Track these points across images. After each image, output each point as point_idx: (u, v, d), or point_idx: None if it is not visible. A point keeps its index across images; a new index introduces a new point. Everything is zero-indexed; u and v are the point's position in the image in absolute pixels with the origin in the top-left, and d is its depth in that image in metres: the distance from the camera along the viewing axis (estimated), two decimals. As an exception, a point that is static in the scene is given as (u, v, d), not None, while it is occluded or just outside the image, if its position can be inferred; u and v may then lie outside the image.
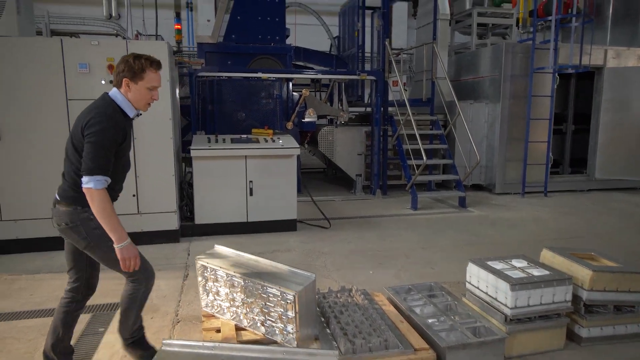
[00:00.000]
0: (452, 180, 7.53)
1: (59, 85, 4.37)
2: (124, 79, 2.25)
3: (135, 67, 2.22)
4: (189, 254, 4.50)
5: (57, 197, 2.35)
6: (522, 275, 2.76)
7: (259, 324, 2.60)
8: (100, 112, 2.20)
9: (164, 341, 2.07)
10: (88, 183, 2.11)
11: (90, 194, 2.12)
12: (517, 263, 2.97)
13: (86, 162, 2.13)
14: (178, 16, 6.68)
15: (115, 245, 2.20)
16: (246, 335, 2.66)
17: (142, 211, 4.71)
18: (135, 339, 2.53)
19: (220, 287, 2.76)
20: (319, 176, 9.95)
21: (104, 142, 2.15)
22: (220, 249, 2.98)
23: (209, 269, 2.80)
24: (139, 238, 4.70)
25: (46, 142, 4.41)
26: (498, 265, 2.94)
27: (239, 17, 6.97)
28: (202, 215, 5.07)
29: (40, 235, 4.50)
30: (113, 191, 2.33)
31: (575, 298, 2.80)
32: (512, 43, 7.66)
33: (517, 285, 2.62)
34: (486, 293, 2.85)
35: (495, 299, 2.76)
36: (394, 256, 4.48)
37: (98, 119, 2.17)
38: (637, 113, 7.75)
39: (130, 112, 2.31)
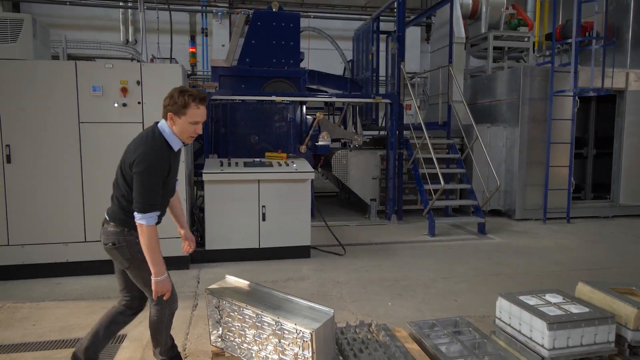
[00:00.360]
0: (469, 206, 7.30)
1: (71, 108, 4.32)
2: (168, 113, 2.33)
3: (179, 102, 2.29)
4: (198, 282, 4.32)
5: (107, 217, 2.47)
6: (559, 312, 2.53)
7: (272, 364, 2.40)
8: (147, 149, 2.28)
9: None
10: (141, 220, 2.25)
11: (141, 229, 2.27)
12: (552, 298, 2.73)
13: (137, 199, 2.26)
14: (193, 39, 6.67)
15: (152, 278, 2.32)
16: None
17: (152, 236, 4.56)
18: (172, 358, 2.64)
19: (231, 321, 2.58)
20: (331, 200, 9.77)
21: (151, 179, 2.27)
22: (231, 279, 2.80)
23: (219, 302, 2.62)
24: (148, 265, 4.60)
25: (57, 166, 4.33)
26: (531, 300, 2.71)
27: (253, 42, 6.96)
28: (213, 240, 4.91)
29: (47, 261, 4.39)
30: (158, 217, 2.39)
31: (619, 339, 2.55)
32: (530, 66, 7.53)
33: (555, 324, 2.39)
34: (519, 331, 2.61)
35: (530, 339, 2.52)
36: (413, 286, 4.25)
37: (145, 157, 2.26)
38: (661, 137, 7.50)
39: (176, 146, 2.39)
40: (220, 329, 2.66)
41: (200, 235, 5.10)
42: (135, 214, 2.26)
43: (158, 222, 2.37)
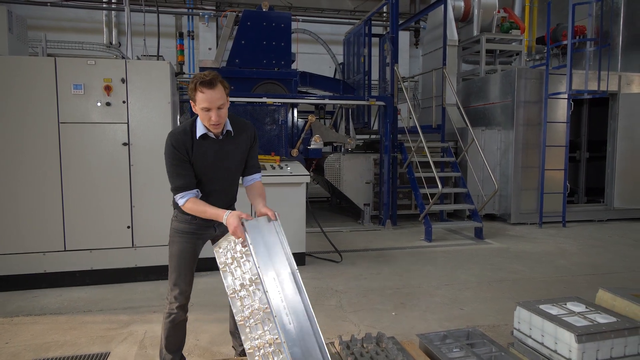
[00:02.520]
0: (462, 210, 7.15)
1: (50, 107, 4.03)
2: (190, 102, 2.27)
3: (190, 88, 2.22)
4: (188, 293, 4.04)
5: None
6: (585, 322, 2.34)
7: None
8: (170, 133, 2.31)
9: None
10: (178, 201, 2.31)
11: (184, 208, 2.32)
12: (574, 307, 2.55)
13: (170, 181, 2.32)
14: (181, 36, 6.39)
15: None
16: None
17: (137, 244, 4.28)
18: None
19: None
20: (323, 205, 9.56)
21: (170, 163, 2.28)
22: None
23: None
24: (133, 274, 4.31)
25: (34, 169, 4.02)
26: (552, 310, 2.52)
27: (243, 42, 6.73)
28: (204, 248, 4.62)
29: (23, 272, 4.06)
30: (209, 196, 2.38)
31: (648, 349, 2.37)
32: (525, 68, 7.46)
33: (584, 335, 2.20)
34: (542, 344, 2.41)
35: (555, 352, 2.32)
36: (416, 294, 4.04)
37: (166, 141, 2.28)
38: (653, 140, 7.48)
39: (198, 132, 2.29)
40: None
41: (189, 243, 4.82)
42: (174, 197, 2.33)
43: (217, 203, 2.36)
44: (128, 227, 4.25)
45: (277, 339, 2.00)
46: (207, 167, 2.37)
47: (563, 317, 2.40)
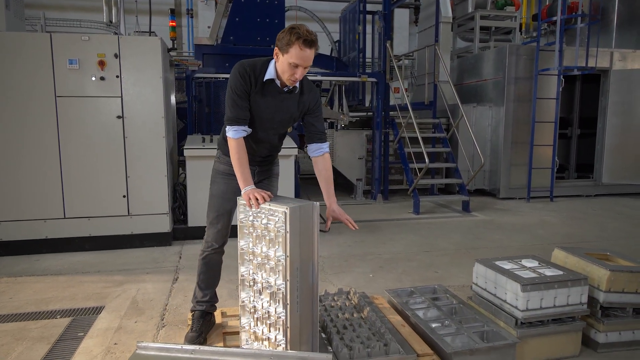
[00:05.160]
0: (455, 185, 7.34)
1: (47, 81, 4.22)
2: (275, 47, 2.23)
3: (284, 39, 2.16)
4: (180, 257, 4.30)
5: None
6: (533, 275, 2.55)
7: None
8: (240, 62, 2.30)
9: (139, 344, 1.86)
10: (228, 132, 2.30)
11: (229, 142, 2.31)
12: (528, 263, 2.76)
13: (226, 111, 2.32)
14: (173, 13, 6.52)
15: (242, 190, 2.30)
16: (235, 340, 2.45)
17: (133, 213, 4.52)
18: (199, 311, 2.65)
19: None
20: (316, 181, 9.75)
21: (231, 91, 2.26)
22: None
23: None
24: (129, 241, 4.57)
25: (33, 141, 4.24)
26: (507, 265, 2.73)
27: (237, 19, 6.84)
28: (196, 217, 4.86)
29: (25, 238, 4.32)
30: (254, 143, 2.42)
31: (591, 300, 2.58)
32: (516, 45, 7.52)
33: (528, 285, 2.41)
34: (494, 295, 2.63)
35: (505, 301, 2.54)
36: (395, 260, 4.27)
37: (234, 67, 2.28)
38: (644, 116, 7.57)
39: (267, 75, 2.28)
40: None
41: (182, 212, 5.06)
42: (227, 127, 2.31)
43: (255, 162, 2.45)
44: (124, 196, 4.48)
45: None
46: (262, 113, 2.35)
47: (515, 271, 2.61)
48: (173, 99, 5.75)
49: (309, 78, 2.34)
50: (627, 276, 2.54)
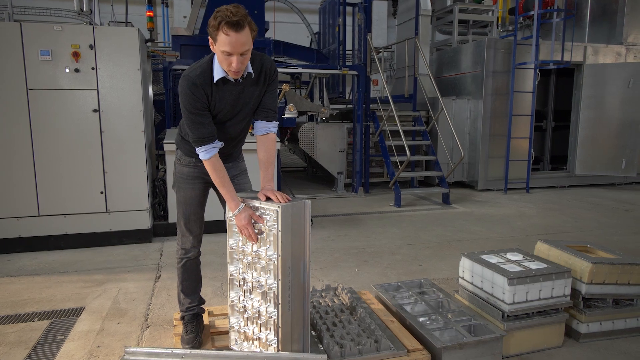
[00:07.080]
0: (434, 177, 7.42)
1: (18, 73, 4.04)
2: (209, 38, 1.98)
3: (211, 25, 1.92)
4: (161, 255, 4.20)
5: None
6: (519, 268, 2.60)
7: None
8: (185, 75, 2.05)
9: (127, 349, 1.81)
10: (200, 154, 2.11)
11: (205, 164, 2.14)
12: (513, 256, 2.81)
13: (188, 132, 2.13)
14: (150, 2, 6.30)
15: (228, 215, 2.20)
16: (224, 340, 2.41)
17: (111, 209, 4.39)
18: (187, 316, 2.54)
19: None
20: (299, 175, 9.73)
21: (189, 111, 2.05)
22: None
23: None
24: (108, 239, 4.44)
25: (4, 135, 4.06)
26: (493, 259, 2.77)
27: (215, 9, 6.69)
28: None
29: (-2, 237, 4.15)
30: (226, 151, 2.30)
31: (574, 292, 2.65)
32: (494, 39, 7.60)
33: (515, 279, 2.45)
34: (481, 289, 2.67)
35: (492, 295, 2.58)
36: (379, 253, 4.29)
37: (180, 84, 2.03)
38: (614, 109, 7.80)
39: (216, 75, 2.04)
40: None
41: (162, 209, 4.96)
42: (196, 149, 2.11)
43: (228, 160, 2.31)
44: (101, 192, 4.35)
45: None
46: (224, 114, 2.16)
47: (500, 265, 2.65)
48: (150, 91, 5.60)
49: (290, 71, 2.24)
50: (608, 268, 2.61)
